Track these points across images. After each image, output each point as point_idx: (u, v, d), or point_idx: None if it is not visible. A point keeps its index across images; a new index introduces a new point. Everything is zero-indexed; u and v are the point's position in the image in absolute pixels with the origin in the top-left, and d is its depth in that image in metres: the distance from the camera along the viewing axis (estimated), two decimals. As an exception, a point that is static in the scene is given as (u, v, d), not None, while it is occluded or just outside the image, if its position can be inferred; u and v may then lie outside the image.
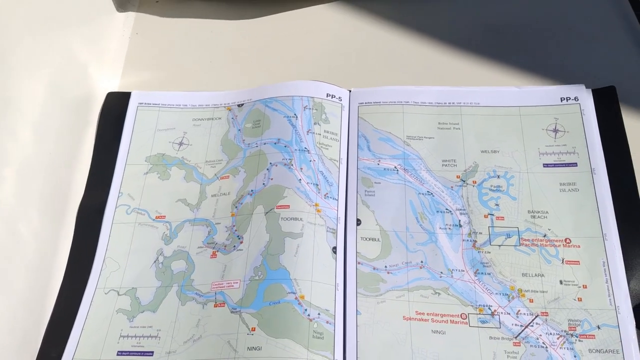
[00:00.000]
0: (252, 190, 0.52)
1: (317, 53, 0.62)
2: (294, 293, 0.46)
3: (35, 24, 0.50)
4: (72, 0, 0.56)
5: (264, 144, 0.54)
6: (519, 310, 0.46)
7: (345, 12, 0.64)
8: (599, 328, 0.45)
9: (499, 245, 0.49)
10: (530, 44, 0.59)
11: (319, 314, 0.46)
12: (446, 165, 0.52)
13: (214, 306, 0.47)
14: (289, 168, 0.51)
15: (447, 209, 0.50)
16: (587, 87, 0.54)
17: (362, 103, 0.56)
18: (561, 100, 0.54)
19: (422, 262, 0.48)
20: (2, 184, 0.45)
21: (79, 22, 0.57)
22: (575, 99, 0.54)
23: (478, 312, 0.46)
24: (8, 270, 0.45)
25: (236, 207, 0.51)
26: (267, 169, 0.52)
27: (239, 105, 0.57)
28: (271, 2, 0.64)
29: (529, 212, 0.50)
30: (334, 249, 0.49)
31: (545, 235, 0.49)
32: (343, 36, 0.62)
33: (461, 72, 0.58)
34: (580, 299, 0.46)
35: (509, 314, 0.46)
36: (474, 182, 0.51)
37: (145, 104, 0.58)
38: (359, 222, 0.50)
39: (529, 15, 0.62)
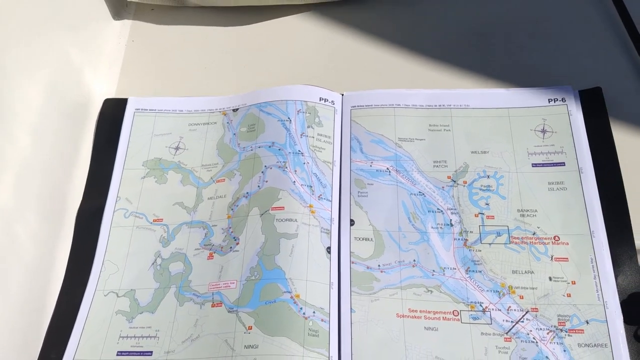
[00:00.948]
0: (247, 193, 0.53)
1: (310, 58, 0.63)
2: (289, 292, 0.47)
3: (32, 31, 0.51)
4: (68, 8, 0.57)
5: (259, 147, 0.55)
6: (510, 307, 0.47)
7: (337, 18, 0.65)
8: (587, 323, 0.46)
9: (490, 244, 0.50)
10: (518, 47, 0.61)
11: (314, 312, 0.47)
12: (437, 166, 0.53)
13: (212, 306, 0.48)
14: (284, 171, 0.53)
15: (438, 209, 0.52)
16: (574, 88, 0.55)
17: (355, 106, 0.57)
18: (549, 102, 0.55)
19: (414, 260, 0.49)
20: (1, 189, 0.46)
21: (76, 29, 0.58)
22: (563, 100, 0.55)
23: (470, 309, 0.47)
24: (7, 273, 0.46)
25: (232, 209, 0.52)
26: (262, 172, 0.53)
27: (234, 110, 0.58)
28: (264, 9, 0.66)
29: (518, 210, 0.51)
30: (328, 249, 0.50)
31: (534, 233, 0.50)
32: (335, 41, 0.64)
33: (451, 75, 0.60)
34: (569, 295, 0.47)
35: (500, 310, 0.47)
36: (465, 182, 0.52)
37: (141, 109, 0.59)
38: (352, 222, 0.51)
39: (516, 19, 0.63)
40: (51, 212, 0.52)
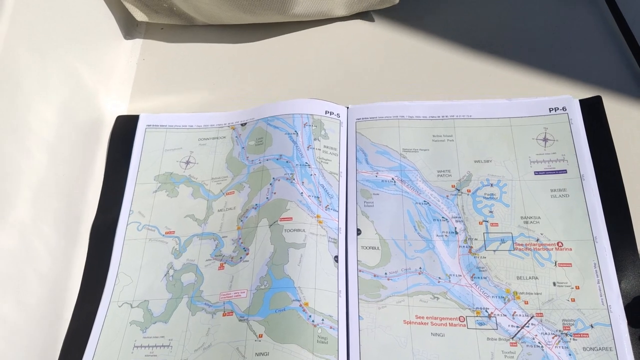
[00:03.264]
0: (256, 205, 0.54)
1: (315, 72, 0.64)
2: (298, 300, 0.48)
3: (46, 52, 0.53)
4: (81, 29, 0.59)
5: (267, 160, 0.56)
6: (515, 312, 0.48)
7: (340, 33, 0.67)
8: (592, 327, 0.46)
9: (494, 251, 0.51)
10: (519, 58, 0.62)
11: (322, 319, 0.48)
12: (441, 176, 0.55)
13: (223, 315, 0.49)
14: (291, 182, 0.54)
15: (443, 217, 0.53)
16: (574, 97, 0.57)
17: (360, 119, 0.58)
18: (550, 111, 0.56)
19: (420, 268, 0.50)
20: (19, 204, 0.48)
21: (88, 49, 0.60)
22: (563, 109, 0.56)
23: (475, 315, 0.48)
24: (26, 287, 0.48)
25: (241, 220, 0.54)
26: (270, 184, 0.54)
27: (242, 124, 0.60)
28: (269, 26, 0.67)
29: (521, 217, 0.52)
30: (336, 258, 0.51)
31: (538, 240, 0.50)
32: (340, 56, 0.65)
33: (453, 86, 0.61)
34: (573, 300, 0.48)
35: (505, 315, 0.48)
36: (469, 190, 0.54)
37: (153, 125, 0.61)
38: (359, 231, 0.53)
39: (517, 30, 0.64)
40: (67, 226, 0.54)
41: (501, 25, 0.65)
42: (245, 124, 0.60)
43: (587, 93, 0.57)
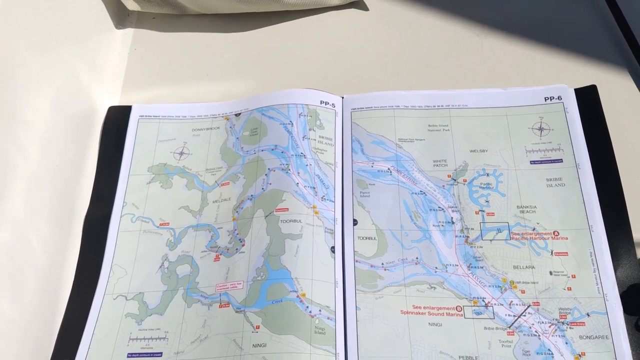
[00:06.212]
0: (251, 195, 0.53)
1: (310, 62, 0.64)
2: (295, 291, 0.48)
3: (38, 43, 0.52)
4: (72, 19, 0.58)
5: (262, 150, 0.56)
6: (512, 301, 0.48)
7: (335, 23, 0.66)
8: (588, 315, 0.47)
9: (491, 240, 0.51)
10: (515, 47, 0.62)
11: (320, 310, 0.48)
12: (437, 166, 0.54)
13: (219, 307, 0.49)
14: (287, 173, 0.54)
15: (439, 207, 0.52)
16: (569, 86, 0.56)
17: (355, 109, 0.58)
18: (545, 100, 0.56)
19: (417, 258, 0.50)
20: (13, 197, 0.47)
21: (80, 40, 0.59)
22: (559, 98, 0.56)
23: (472, 304, 0.48)
24: (20, 280, 0.47)
25: (237, 211, 0.53)
26: (266, 175, 0.54)
27: (236, 115, 0.59)
28: (263, 15, 0.67)
29: (517, 207, 0.52)
30: (333, 249, 0.51)
31: (534, 229, 0.51)
32: (335, 45, 0.65)
33: (449, 76, 0.61)
34: (569, 289, 0.48)
35: (502, 305, 0.48)
36: (465, 180, 0.53)
37: (145, 116, 0.60)
38: (355, 222, 0.52)
39: (512, 19, 0.64)
40: (60, 219, 0.53)
41: (497, 14, 0.65)
42: (240, 114, 0.59)
43: (582, 82, 0.57)
